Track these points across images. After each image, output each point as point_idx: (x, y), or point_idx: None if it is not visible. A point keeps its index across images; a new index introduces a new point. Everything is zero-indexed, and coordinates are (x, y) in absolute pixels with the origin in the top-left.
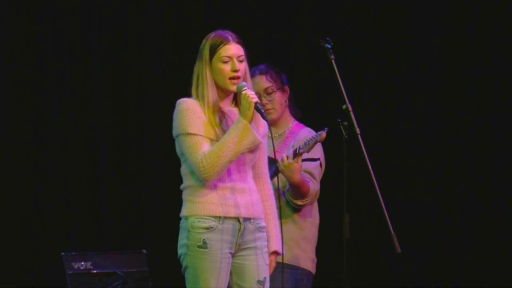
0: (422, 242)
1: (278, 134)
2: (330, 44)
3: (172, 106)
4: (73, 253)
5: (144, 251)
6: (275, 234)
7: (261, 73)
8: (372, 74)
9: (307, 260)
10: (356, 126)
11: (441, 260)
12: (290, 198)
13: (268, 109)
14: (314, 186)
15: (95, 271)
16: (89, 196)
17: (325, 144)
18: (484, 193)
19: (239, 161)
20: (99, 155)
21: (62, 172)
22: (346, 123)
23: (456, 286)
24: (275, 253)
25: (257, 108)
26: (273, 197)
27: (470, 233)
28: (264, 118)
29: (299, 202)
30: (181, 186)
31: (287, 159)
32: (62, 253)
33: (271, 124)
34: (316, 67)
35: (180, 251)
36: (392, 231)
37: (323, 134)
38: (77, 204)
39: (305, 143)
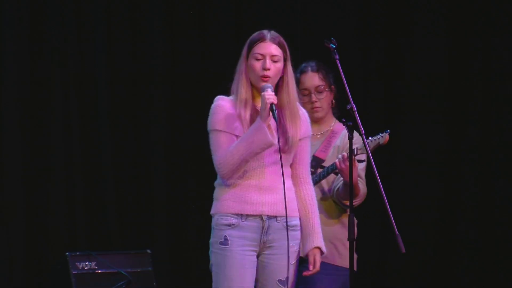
0: (425, 242)
1: (321, 133)
2: (334, 44)
3: (176, 107)
4: (78, 253)
5: (148, 251)
6: (318, 232)
7: (313, 71)
8: (377, 73)
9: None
10: (360, 126)
11: (444, 261)
12: (339, 199)
13: (316, 107)
14: (363, 188)
15: (99, 271)
16: (94, 196)
17: None
18: (487, 193)
19: (270, 160)
20: (103, 154)
21: (66, 172)
22: (351, 123)
23: (458, 286)
24: (318, 249)
25: (271, 109)
26: (314, 198)
27: (474, 233)
28: (274, 118)
29: (348, 203)
30: (215, 183)
31: (347, 159)
32: (67, 253)
33: (316, 122)
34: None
35: (210, 249)
36: (396, 232)
37: (387, 136)
38: (81, 204)
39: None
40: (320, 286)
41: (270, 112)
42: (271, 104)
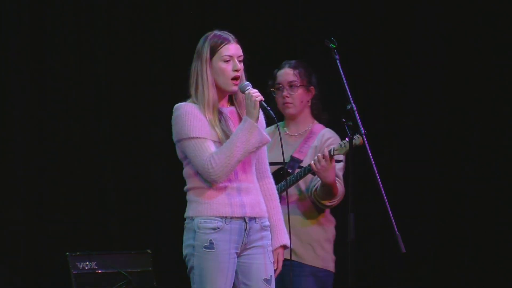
0: (425, 242)
1: (299, 134)
2: (334, 44)
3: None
4: (78, 253)
5: (148, 251)
6: (282, 228)
7: (290, 67)
8: (376, 73)
9: (330, 261)
10: (360, 126)
11: (444, 260)
12: (317, 199)
13: (287, 103)
14: (341, 188)
15: (99, 271)
16: (94, 196)
17: None
18: (487, 193)
19: (244, 160)
20: (103, 154)
21: (66, 172)
22: (351, 123)
23: (458, 286)
24: (283, 247)
25: (262, 106)
26: (276, 193)
27: (474, 233)
28: (270, 115)
29: (327, 203)
30: (185, 188)
31: (322, 160)
32: (67, 253)
33: (290, 118)
34: (321, 67)
35: (186, 251)
36: (396, 232)
37: (361, 138)
38: (81, 204)
39: (341, 145)
40: (298, 287)
41: (261, 110)
42: (261, 102)
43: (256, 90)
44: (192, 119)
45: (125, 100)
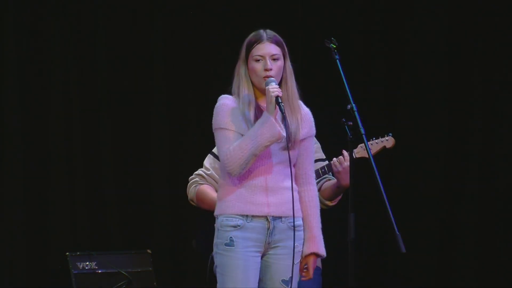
0: (425, 242)
1: None
2: (335, 44)
3: (176, 107)
4: (78, 253)
5: (149, 251)
6: (317, 236)
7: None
8: (376, 72)
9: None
10: (361, 126)
11: (444, 260)
12: (321, 199)
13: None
14: None
15: (100, 271)
16: (94, 196)
17: (330, 144)
18: (487, 193)
19: (274, 159)
20: (103, 154)
21: (67, 171)
22: (351, 123)
23: (460, 286)
24: (315, 255)
25: (276, 101)
26: (317, 199)
27: (474, 233)
28: (281, 110)
29: (330, 203)
30: (219, 184)
31: (344, 162)
32: (67, 253)
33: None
34: (321, 67)
35: (214, 250)
36: (396, 231)
37: (392, 140)
38: (82, 204)
39: (362, 147)
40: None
41: (277, 105)
42: (277, 97)
43: (276, 86)
44: (225, 111)
45: (125, 100)
